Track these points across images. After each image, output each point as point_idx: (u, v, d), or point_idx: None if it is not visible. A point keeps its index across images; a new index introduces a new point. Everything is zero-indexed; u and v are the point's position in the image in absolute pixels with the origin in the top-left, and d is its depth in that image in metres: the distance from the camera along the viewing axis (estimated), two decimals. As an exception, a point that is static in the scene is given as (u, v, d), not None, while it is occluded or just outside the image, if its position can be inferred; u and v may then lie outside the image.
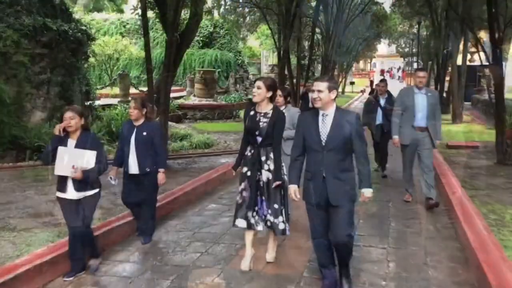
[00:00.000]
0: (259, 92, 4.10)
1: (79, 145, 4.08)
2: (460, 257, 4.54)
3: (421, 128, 6.02)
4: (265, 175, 4.15)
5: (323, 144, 3.53)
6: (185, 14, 11.15)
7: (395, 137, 6.22)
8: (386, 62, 69.09)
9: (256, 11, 23.73)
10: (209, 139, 11.72)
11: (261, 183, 4.16)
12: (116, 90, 19.93)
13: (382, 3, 31.40)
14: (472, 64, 26.65)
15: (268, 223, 4.16)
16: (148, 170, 4.86)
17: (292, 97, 21.42)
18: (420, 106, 5.99)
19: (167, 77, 8.74)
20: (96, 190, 4.21)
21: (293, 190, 3.74)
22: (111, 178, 4.88)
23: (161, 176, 4.95)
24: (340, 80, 37.84)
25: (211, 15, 16.33)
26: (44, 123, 10.54)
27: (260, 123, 4.11)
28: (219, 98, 20.86)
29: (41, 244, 4.52)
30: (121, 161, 4.96)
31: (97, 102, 13.87)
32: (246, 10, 24.01)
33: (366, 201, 3.73)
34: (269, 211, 4.14)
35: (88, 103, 12.31)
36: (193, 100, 19.41)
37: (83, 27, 12.24)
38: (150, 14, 12.92)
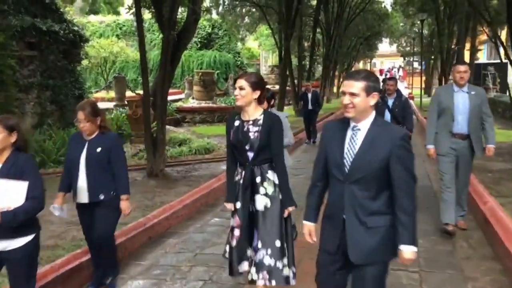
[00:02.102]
0: (243, 93, 3.15)
1: (4, 171, 2.81)
2: (506, 282, 3.91)
3: (462, 136, 4.86)
4: (261, 202, 3.18)
5: (346, 171, 2.45)
6: (182, 13, 10.62)
7: (430, 147, 5.05)
8: (386, 62, 68.54)
9: (255, 10, 23.21)
10: (210, 144, 11.09)
11: (257, 213, 3.18)
12: (113, 93, 19.33)
13: (383, 2, 30.86)
14: (476, 62, 26.14)
15: (265, 268, 3.11)
16: (103, 197, 3.65)
17: (293, 98, 21.02)
18: (460, 107, 4.81)
19: (163, 78, 8.11)
20: (29, 238, 2.87)
21: (308, 230, 2.71)
22: (54, 207, 3.65)
23: (124, 205, 3.75)
24: (341, 80, 37.30)
25: (209, 14, 15.74)
26: (34, 130, 9.93)
27: (250, 134, 3.15)
28: (219, 100, 20.25)
29: None
30: (68, 184, 3.77)
31: (91, 106, 13.23)
32: (245, 9, 23.45)
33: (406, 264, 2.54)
34: (268, 251, 3.11)
35: (82, 107, 11.68)
36: (192, 103, 18.80)
37: (76, 28, 11.64)
38: (146, 15, 12.40)
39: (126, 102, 13.47)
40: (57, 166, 8.59)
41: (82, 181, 3.66)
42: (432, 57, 34.64)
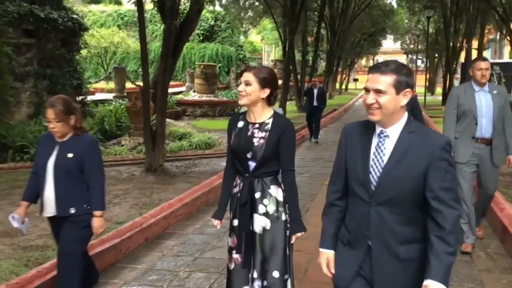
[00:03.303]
0: (249, 90, 2.63)
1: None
2: (530, 299, 3.62)
3: (486, 140, 4.34)
4: (260, 223, 2.68)
5: (372, 188, 1.96)
6: (185, 3, 10.31)
7: None
8: (389, 59, 68.05)
9: (259, 3, 22.84)
10: (211, 138, 10.78)
11: (255, 235, 2.70)
12: (112, 84, 19.00)
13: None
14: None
15: None
16: (73, 211, 3.07)
17: (296, 94, 20.68)
18: (484, 109, 4.30)
19: (164, 69, 7.79)
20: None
21: (326, 259, 2.17)
22: (13, 217, 3.13)
23: (97, 223, 3.11)
24: (343, 76, 36.95)
25: (213, 5, 15.38)
26: (29, 120, 9.61)
27: (255, 140, 2.65)
28: (220, 94, 19.91)
29: (2, 278, 3.57)
30: (34, 193, 3.19)
31: (90, 97, 12.91)
32: (249, 2, 23.07)
33: None
34: (264, 283, 2.67)
35: (80, 98, 11.36)
36: (193, 96, 18.49)
37: (75, 16, 11.28)
38: (148, 5, 12.04)
39: (125, 93, 13.15)
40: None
41: (49, 191, 3.07)
42: (436, 55, 34.30)
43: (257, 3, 23.56)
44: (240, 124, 2.75)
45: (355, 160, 2.02)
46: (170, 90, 11.34)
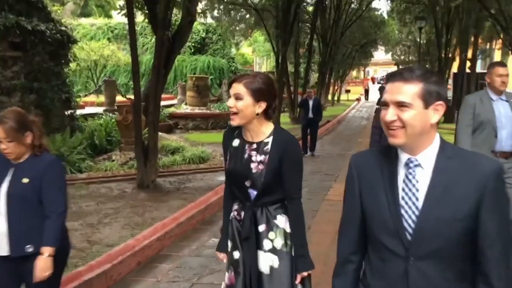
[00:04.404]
0: (241, 106, 2.15)
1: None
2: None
3: (505, 154, 3.99)
4: (266, 261, 2.26)
5: (409, 238, 1.48)
6: (176, 14, 10.09)
7: None
8: (379, 70, 68.45)
9: (250, 16, 22.72)
10: (204, 152, 10.45)
11: (261, 275, 2.27)
12: (103, 98, 18.64)
13: (380, 9, 30.59)
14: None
15: None
16: (32, 249, 2.48)
17: (289, 106, 20.46)
18: (503, 121, 3.95)
19: (156, 82, 7.50)
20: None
21: None
22: None
23: (42, 263, 2.43)
24: (335, 88, 36.91)
25: (204, 16, 15.17)
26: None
27: (252, 165, 2.22)
28: (213, 106, 19.64)
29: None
30: None
31: (79, 111, 12.56)
32: (240, 14, 22.96)
33: None
34: None
35: (69, 112, 11.01)
36: (185, 109, 18.21)
37: (63, 28, 10.98)
38: (139, 18, 11.78)
39: (116, 107, 12.82)
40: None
41: (1, 225, 2.49)
42: (427, 65, 34.38)
43: (248, 16, 23.48)
44: (236, 142, 2.29)
45: (378, 201, 1.51)
46: (162, 103, 11.05)
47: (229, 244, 2.35)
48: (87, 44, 24.20)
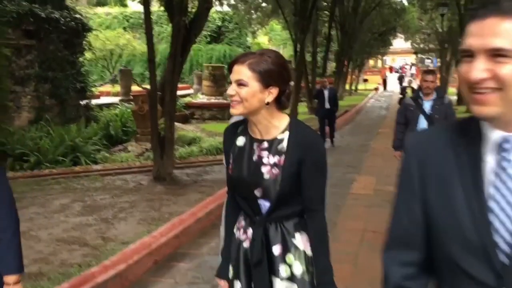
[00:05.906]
0: (245, 94, 1.65)
1: None
2: None
3: None
4: None
5: (503, 261, 0.94)
6: (192, 1, 9.81)
7: None
8: (397, 59, 67.29)
9: (269, 2, 22.30)
10: (221, 143, 10.19)
11: None
12: (118, 87, 18.50)
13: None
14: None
15: None
16: None
17: (307, 95, 20.05)
18: None
19: (173, 70, 7.22)
20: None
21: None
22: None
23: None
24: (353, 77, 36.30)
25: (221, 4, 14.84)
26: (30, 126, 9.09)
27: (264, 169, 1.72)
28: (229, 96, 19.37)
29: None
30: None
31: (94, 101, 12.38)
32: (257, 1, 22.55)
33: None
34: None
35: (84, 102, 10.84)
36: (201, 99, 17.93)
37: (78, 16, 10.77)
38: (154, 6, 11.52)
39: (131, 97, 12.61)
40: (54, 167, 7.74)
41: None
42: (448, 54, 33.57)
43: (264, 4, 23.05)
44: (240, 141, 1.79)
45: (452, 203, 1.00)
46: (178, 92, 10.81)
47: (230, 270, 1.85)
48: (102, 33, 24.06)
